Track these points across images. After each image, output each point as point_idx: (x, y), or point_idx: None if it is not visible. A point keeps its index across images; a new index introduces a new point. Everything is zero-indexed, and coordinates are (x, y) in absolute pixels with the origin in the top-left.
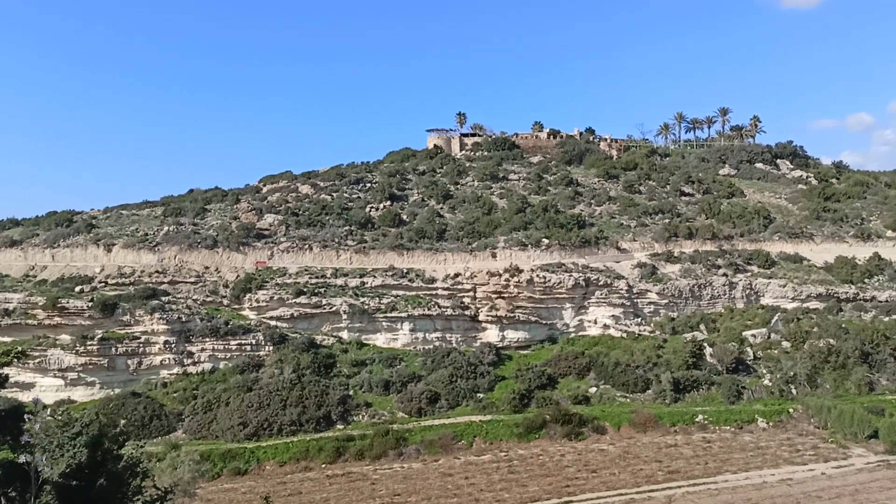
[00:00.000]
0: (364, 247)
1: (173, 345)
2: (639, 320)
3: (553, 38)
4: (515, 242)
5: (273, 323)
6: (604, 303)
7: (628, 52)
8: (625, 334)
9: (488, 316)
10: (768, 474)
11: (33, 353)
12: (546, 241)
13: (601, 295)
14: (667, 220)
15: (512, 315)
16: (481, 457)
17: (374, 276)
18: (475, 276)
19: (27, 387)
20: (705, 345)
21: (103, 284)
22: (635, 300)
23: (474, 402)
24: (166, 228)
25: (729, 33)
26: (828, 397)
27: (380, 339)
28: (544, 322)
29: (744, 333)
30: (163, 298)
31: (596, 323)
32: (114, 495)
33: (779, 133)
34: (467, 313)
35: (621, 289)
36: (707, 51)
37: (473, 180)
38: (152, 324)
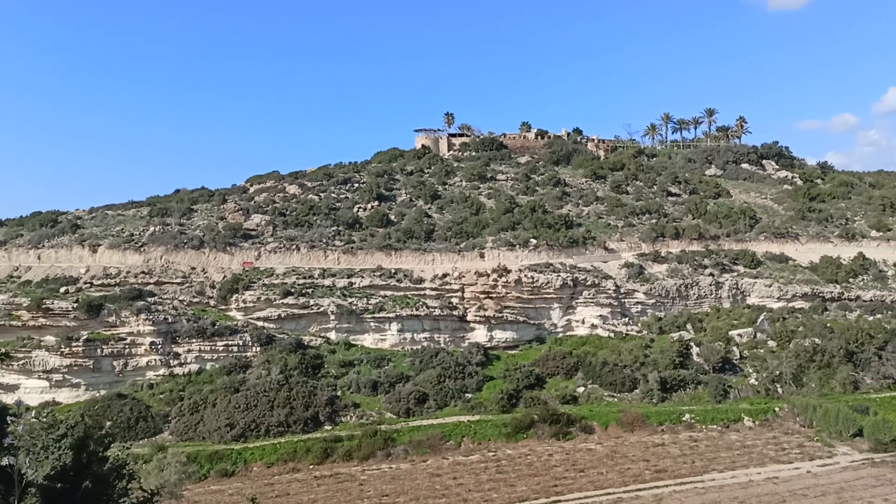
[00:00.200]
0: (352, 247)
1: (159, 346)
2: (626, 320)
3: (541, 39)
4: (503, 242)
5: (260, 324)
6: (591, 303)
7: (616, 53)
8: (612, 334)
9: (476, 316)
10: (754, 473)
11: (17, 355)
12: (534, 242)
13: (589, 295)
14: (654, 221)
15: (500, 315)
16: (469, 457)
17: (362, 277)
18: (463, 277)
19: (11, 388)
20: (692, 344)
21: (89, 285)
22: (623, 300)
23: (462, 403)
24: (152, 229)
25: (716, 34)
26: (813, 396)
27: (368, 340)
28: (532, 322)
29: (730, 333)
30: (149, 299)
31: (584, 323)
32: (99, 497)
33: (764, 134)
34: (455, 313)
35: (609, 289)
36: (694, 52)
37: (461, 180)
38: (138, 325)
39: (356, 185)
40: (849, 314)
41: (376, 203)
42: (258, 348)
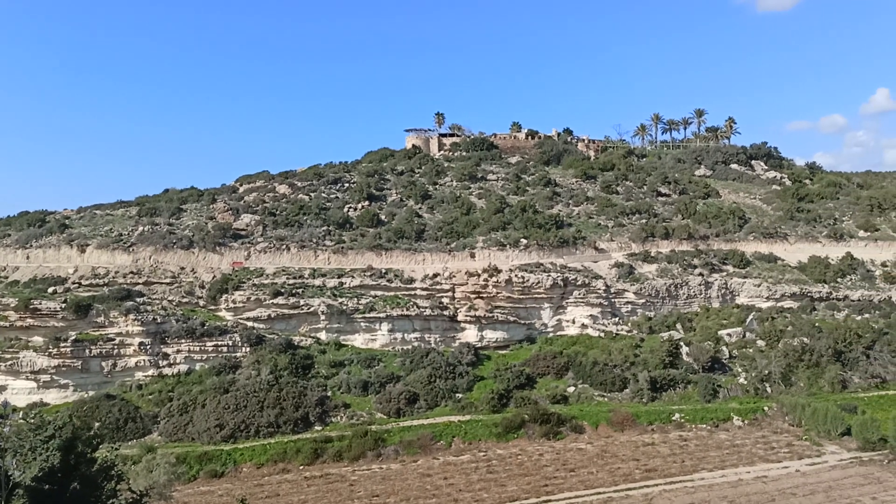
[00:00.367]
0: (342, 247)
1: (148, 346)
2: (616, 320)
3: (531, 40)
4: (494, 242)
5: (250, 324)
6: (582, 302)
7: (606, 54)
8: (602, 334)
9: (467, 316)
10: (744, 472)
11: (5, 356)
12: (524, 242)
13: (579, 295)
14: (644, 221)
15: (490, 315)
16: (460, 457)
17: (353, 277)
18: (454, 277)
19: None
20: (682, 344)
21: (77, 285)
22: (613, 300)
23: (453, 403)
24: (141, 229)
25: (705, 35)
26: (802, 395)
27: (358, 340)
28: (523, 322)
29: (719, 332)
30: (137, 299)
31: (574, 323)
32: (87, 499)
33: (753, 134)
34: (446, 313)
35: (599, 289)
36: (684, 52)
37: (452, 180)
38: (127, 325)
39: (346, 184)
40: (837, 314)
41: (367, 203)
42: (248, 349)
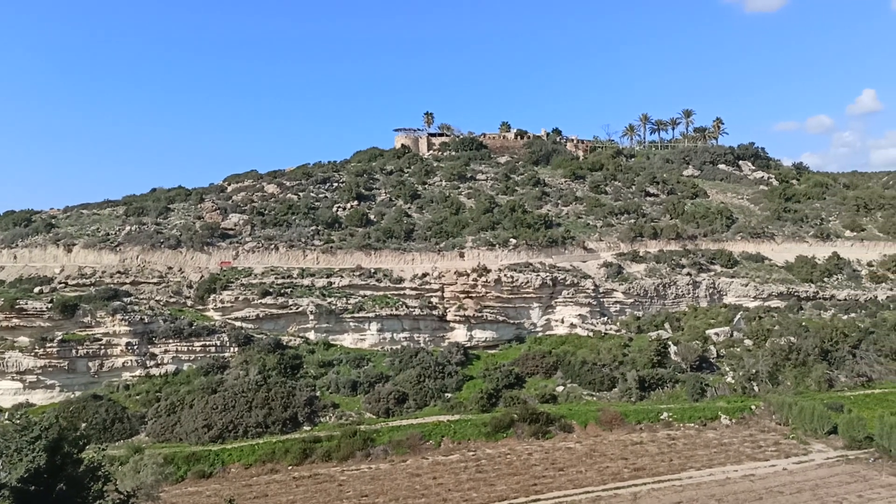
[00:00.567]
0: (331, 247)
1: (136, 346)
2: (605, 319)
3: (521, 41)
4: (483, 242)
5: (238, 324)
6: (571, 302)
7: (594, 55)
8: (591, 333)
9: (456, 316)
10: (731, 470)
11: None
12: (513, 241)
13: (568, 294)
14: (632, 221)
15: (480, 315)
16: (449, 456)
17: (342, 277)
18: (443, 276)
19: None
20: (670, 343)
21: (63, 285)
22: (601, 299)
23: (442, 402)
24: (128, 228)
25: (694, 36)
26: (789, 394)
27: (347, 340)
28: (512, 321)
29: (707, 332)
30: (125, 299)
31: (563, 322)
32: (74, 500)
33: (741, 135)
34: (435, 313)
35: (588, 288)
36: (672, 53)
37: (441, 180)
38: (114, 325)
39: (335, 184)
40: (823, 313)
41: (356, 202)
42: (236, 349)
